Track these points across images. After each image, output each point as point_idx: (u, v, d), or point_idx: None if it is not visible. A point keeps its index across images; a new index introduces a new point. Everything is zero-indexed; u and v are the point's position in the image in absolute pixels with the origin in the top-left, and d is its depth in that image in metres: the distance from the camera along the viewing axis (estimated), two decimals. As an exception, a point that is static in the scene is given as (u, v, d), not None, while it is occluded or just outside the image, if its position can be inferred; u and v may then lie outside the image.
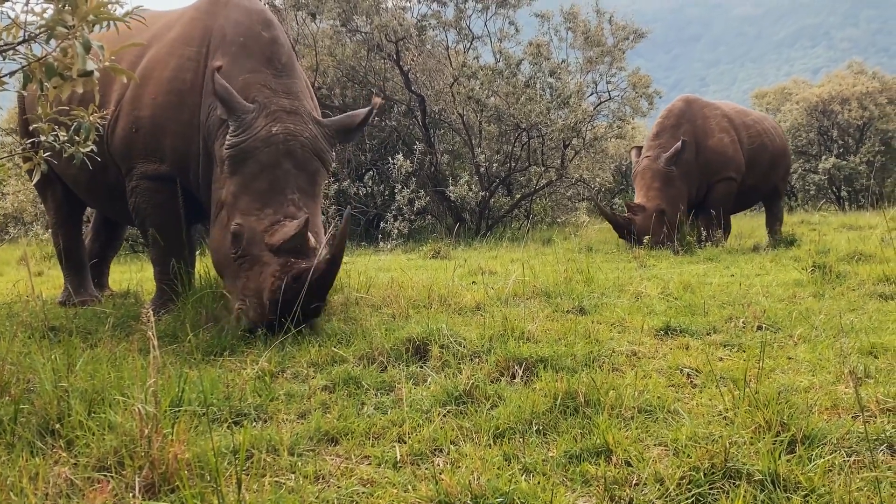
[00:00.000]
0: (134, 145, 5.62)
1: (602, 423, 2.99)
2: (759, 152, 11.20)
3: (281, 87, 5.33)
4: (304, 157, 5.10)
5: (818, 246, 8.77)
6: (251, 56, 5.41)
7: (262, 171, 4.97)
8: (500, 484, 2.51)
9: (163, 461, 2.58)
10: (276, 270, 4.72)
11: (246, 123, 5.03)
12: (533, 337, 4.44)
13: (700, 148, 10.90)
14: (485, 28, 16.02)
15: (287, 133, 5.07)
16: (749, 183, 11.23)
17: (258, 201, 4.93)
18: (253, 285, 4.82)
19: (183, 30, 5.76)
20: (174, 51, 5.65)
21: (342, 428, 3.16)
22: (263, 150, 4.98)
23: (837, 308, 5.29)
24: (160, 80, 5.57)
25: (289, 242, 4.73)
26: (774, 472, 2.50)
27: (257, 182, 4.96)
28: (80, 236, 7.21)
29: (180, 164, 5.58)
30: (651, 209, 10.40)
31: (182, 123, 5.50)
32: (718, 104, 11.63)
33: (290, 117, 5.16)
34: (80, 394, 3.23)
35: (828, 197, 23.84)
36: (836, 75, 26.38)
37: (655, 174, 10.64)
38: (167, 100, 5.53)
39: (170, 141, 5.54)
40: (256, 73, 5.33)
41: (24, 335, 4.56)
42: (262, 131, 5.02)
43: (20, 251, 13.15)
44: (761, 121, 11.62)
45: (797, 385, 3.55)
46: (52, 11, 2.73)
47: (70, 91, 2.79)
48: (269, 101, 5.17)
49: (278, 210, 4.91)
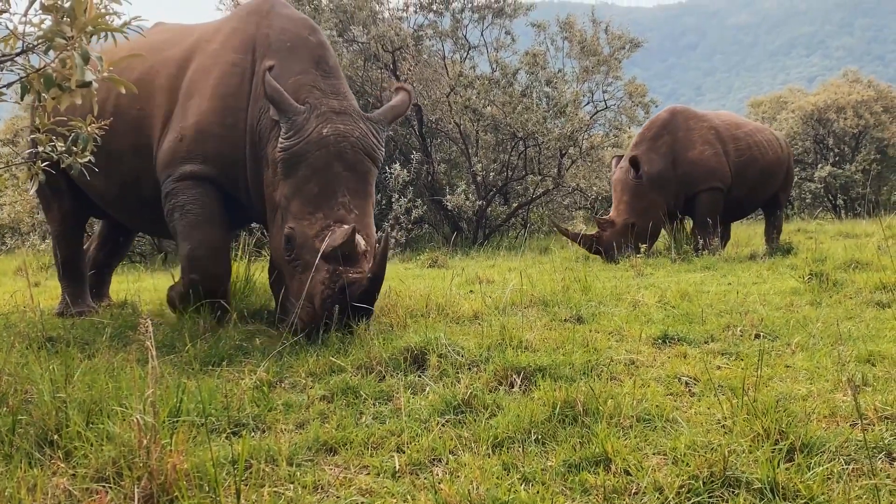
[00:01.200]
0: (177, 152, 5.62)
1: (601, 431, 2.99)
2: (747, 165, 11.14)
3: (330, 87, 5.41)
4: (354, 158, 5.14)
5: (815, 254, 8.78)
6: (300, 59, 5.50)
7: (314, 174, 5.02)
8: (500, 493, 2.51)
9: (161, 472, 2.58)
10: (325, 278, 4.81)
11: (298, 125, 5.09)
12: (531, 346, 4.44)
13: (679, 160, 10.91)
14: (481, 38, 16.08)
15: (338, 134, 5.11)
16: (736, 195, 11.19)
17: (310, 205, 4.99)
18: (306, 290, 4.87)
19: (225, 39, 5.85)
20: (218, 59, 5.73)
21: (341, 438, 3.16)
22: (314, 153, 5.04)
23: (835, 316, 5.29)
24: (205, 89, 5.64)
25: (335, 250, 4.79)
26: (773, 481, 2.50)
27: (309, 185, 5.02)
28: (80, 248, 7.20)
29: (224, 168, 5.60)
30: (620, 223, 10.50)
31: (227, 127, 5.55)
32: (708, 116, 11.61)
33: (339, 118, 5.21)
34: (78, 404, 3.22)
35: (824, 205, 23.90)
36: (831, 84, 26.49)
37: (625, 187, 10.70)
38: (211, 105, 5.58)
39: (213, 145, 5.56)
40: (306, 75, 5.42)
41: (21, 346, 4.55)
42: (313, 133, 5.07)
43: (17, 261, 13.13)
44: (753, 133, 11.53)
45: (795, 393, 3.55)
46: (50, 22, 2.74)
47: (69, 102, 2.80)
48: (319, 103, 5.23)
49: (329, 214, 4.98)
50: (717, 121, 11.45)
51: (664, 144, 10.93)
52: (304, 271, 4.94)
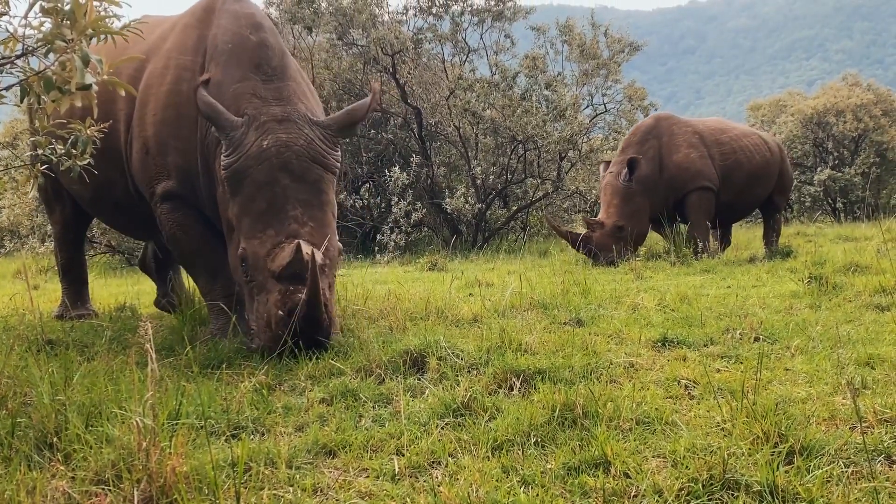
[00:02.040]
0: (147, 166, 5.40)
1: (600, 434, 2.99)
2: (732, 169, 11.16)
3: (271, 93, 4.99)
4: (301, 168, 4.76)
5: (814, 257, 8.79)
6: (240, 64, 5.08)
7: (259, 190, 4.69)
8: (499, 496, 2.50)
9: (161, 474, 2.58)
10: (277, 300, 4.53)
11: (236, 140, 4.75)
12: (530, 349, 4.44)
13: (664, 164, 10.99)
14: (481, 41, 16.11)
15: (279, 145, 4.74)
16: (724, 199, 11.21)
17: (259, 222, 4.67)
18: (262, 310, 4.63)
19: (177, 39, 5.50)
20: (169, 62, 5.39)
21: (340, 441, 3.15)
22: (257, 168, 4.69)
23: (834, 319, 5.29)
24: (158, 96, 5.33)
25: (287, 269, 4.50)
26: (773, 483, 2.50)
27: (256, 202, 4.69)
28: (82, 251, 7.21)
29: (184, 182, 5.31)
30: (609, 226, 10.58)
31: (182, 139, 5.24)
32: (693, 121, 11.67)
33: (281, 126, 4.82)
34: (78, 407, 3.22)
35: (823, 209, 23.92)
36: (830, 87, 26.51)
37: (615, 191, 10.80)
38: (165, 115, 5.28)
39: (172, 158, 5.29)
40: (245, 82, 5.00)
41: (21, 348, 4.55)
42: (252, 147, 4.72)
43: (16, 264, 13.13)
44: (739, 138, 11.53)
45: (794, 396, 3.55)
46: (50, 25, 2.74)
47: (69, 105, 2.80)
48: (259, 112, 4.85)
49: (280, 230, 4.64)
50: (702, 126, 11.51)
51: (651, 149, 11.03)
52: (259, 293, 4.65)
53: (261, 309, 4.64)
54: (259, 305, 4.66)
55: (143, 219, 5.82)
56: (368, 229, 14.63)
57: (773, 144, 12.07)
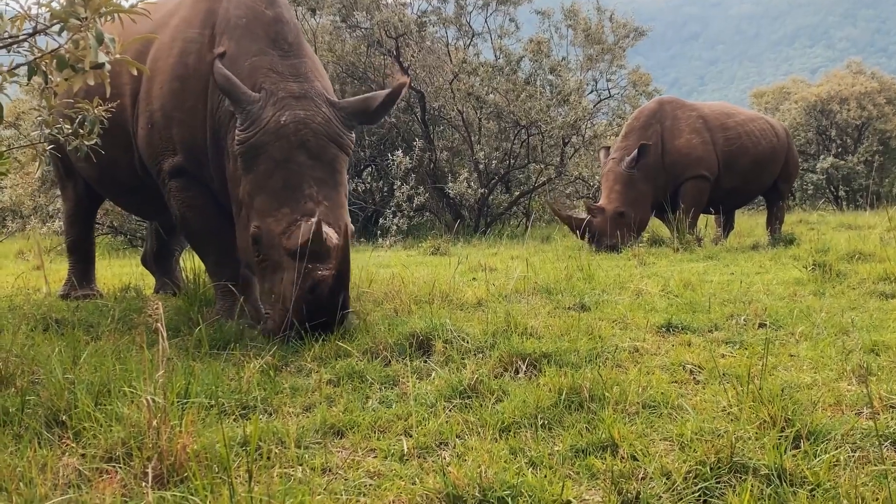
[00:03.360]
0: (153, 141, 5.34)
1: (607, 417, 3.00)
2: (737, 155, 11.08)
3: (288, 69, 4.92)
4: (318, 146, 4.70)
5: (817, 245, 8.79)
6: (256, 38, 5.01)
7: (276, 167, 4.61)
8: (508, 477, 2.52)
9: (171, 452, 2.59)
10: (294, 278, 4.42)
11: (253, 115, 4.67)
12: (536, 333, 4.45)
13: (666, 149, 10.95)
14: (485, 25, 16.07)
15: (297, 121, 4.67)
16: (728, 185, 11.15)
17: (274, 200, 4.60)
18: (276, 292, 4.57)
19: (185, 13, 5.44)
20: (177, 35, 5.32)
21: (348, 421, 3.17)
22: (274, 144, 4.61)
23: (838, 306, 5.30)
24: (165, 69, 5.26)
25: (305, 247, 4.42)
26: (781, 467, 2.51)
27: (271, 179, 4.61)
28: (91, 231, 7.20)
29: (190, 157, 5.23)
30: (610, 211, 10.54)
31: (186, 111, 5.16)
32: (698, 105, 11.58)
33: (299, 103, 4.76)
34: (87, 386, 3.24)
35: (826, 196, 23.90)
36: (834, 75, 26.44)
37: (617, 177, 10.75)
38: (171, 87, 5.21)
39: (177, 131, 5.21)
40: (262, 56, 4.94)
41: (27, 327, 4.57)
42: (270, 123, 4.64)
43: (18, 245, 13.15)
44: (745, 123, 11.42)
45: (800, 382, 3.57)
46: (62, 3, 2.74)
47: (82, 83, 2.80)
48: (277, 87, 4.78)
49: (295, 209, 4.57)
50: (707, 110, 11.41)
51: (654, 134, 10.97)
52: (273, 272, 4.58)
53: (275, 288, 4.57)
54: (272, 285, 4.60)
55: (150, 198, 5.79)
56: (371, 213, 14.63)
57: (780, 130, 11.99)
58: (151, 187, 5.64)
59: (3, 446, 2.76)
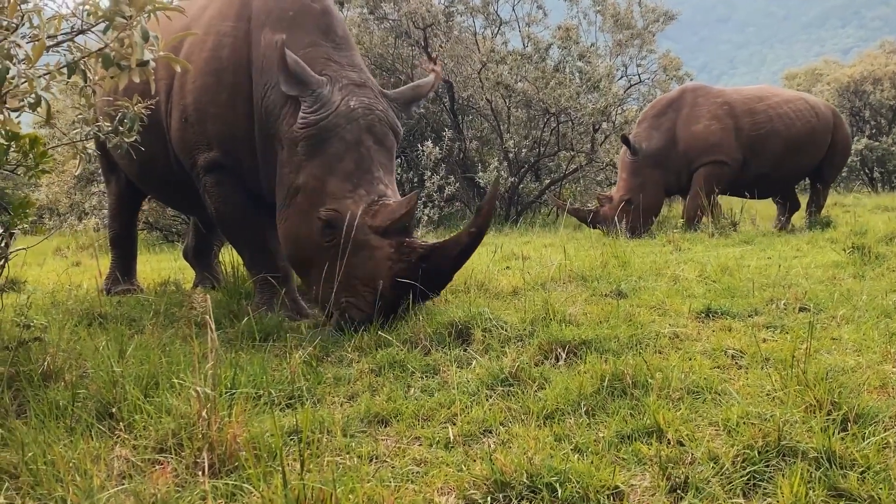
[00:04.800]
0: (186, 136, 5.38)
1: (651, 403, 3.00)
2: (766, 138, 10.90)
3: (344, 59, 5.04)
4: (382, 132, 4.83)
5: (855, 227, 8.69)
6: (305, 30, 5.07)
7: (347, 149, 4.68)
8: (555, 463, 2.53)
9: (222, 442, 2.64)
10: (391, 253, 4.49)
11: (323, 98, 4.72)
12: (574, 320, 4.45)
13: (681, 135, 10.93)
14: (513, 13, 16.00)
15: (365, 107, 4.79)
16: (758, 169, 10.98)
17: (348, 182, 4.64)
18: (360, 272, 4.54)
19: (218, 7, 5.49)
20: (210, 29, 5.35)
21: (391, 410, 3.20)
22: (346, 127, 4.69)
23: (879, 288, 5.24)
24: (198, 63, 5.28)
25: (398, 222, 4.51)
26: (829, 450, 2.50)
27: (344, 161, 4.66)
28: (133, 226, 7.29)
29: (226, 150, 5.26)
30: (617, 199, 10.77)
31: (221, 105, 5.20)
32: (726, 91, 11.42)
33: (361, 91, 4.87)
34: (135, 379, 3.29)
35: (861, 178, 23.57)
36: (867, 55, 26.07)
37: (625, 165, 10.95)
38: (205, 82, 5.25)
39: (212, 125, 5.24)
40: (317, 47, 5.01)
41: (71, 323, 4.65)
42: (341, 106, 4.72)
43: (55, 242, 13.34)
44: (780, 105, 11.18)
45: (844, 365, 3.54)
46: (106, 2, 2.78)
47: (127, 80, 2.85)
48: (338, 75, 4.88)
49: (370, 190, 4.64)
50: (735, 96, 11.25)
51: (667, 121, 11.02)
52: (353, 254, 4.50)
53: (361, 269, 4.54)
54: (356, 267, 4.54)
55: (186, 192, 5.84)
56: (402, 204, 14.64)
57: (822, 111, 11.55)
58: (187, 182, 5.69)
59: (56, 439, 2.82)
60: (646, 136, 10.89)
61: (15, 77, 2.55)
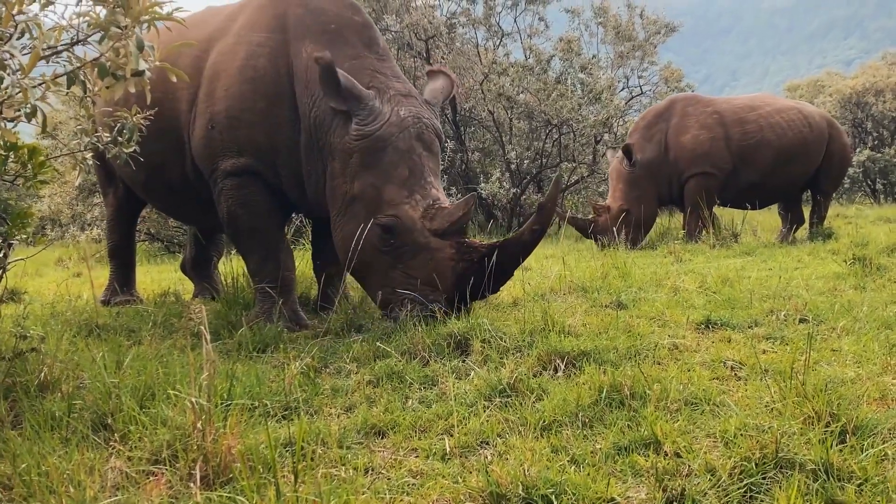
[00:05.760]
0: (212, 142, 5.36)
1: (649, 415, 2.99)
2: (756, 148, 10.80)
3: (388, 70, 5.23)
4: (430, 139, 5.04)
5: (856, 239, 8.67)
6: (349, 42, 5.25)
7: (401, 157, 4.88)
8: (551, 475, 2.52)
9: (216, 454, 2.63)
10: (452, 254, 4.74)
11: (376, 110, 4.92)
12: (574, 331, 4.44)
13: (670, 146, 10.91)
14: (514, 25, 16.04)
15: (413, 116, 4.99)
16: (749, 179, 10.89)
17: (404, 188, 4.86)
18: (421, 274, 4.77)
19: (250, 18, 5.53)
20: (241, 39, 5.41)
21: (389, 421, 3.19)
22: (398, 136, 4.90)
23: (880, 300, 5.23)
24: (230, 71, 5.32)
25: (456, 224, 4.75)
26: (827, 462, 2.49)
27: (399, 169, 4.87)
28: (131, 236, 7.27)
29: (261, 157, 5.30)
30: (615, 210, 10.70)
31: (257, 113, 5.23)
32: (716, 101, 11.37)
33: (409, 100, 5.06)
34: (131, 390, 3.28)
35: (863, 190, 23.54)
36: (870, 66, 26.08)
37: (620, 175, 10.89)
38: (239, 90, 5.27)
39: (245, 132, 5.26)
40: (361, 59, 5.19)
41: (70, 333, 4.64)
42: (392, 116, 4.92)
43: (57, 252, 13.35)
44: (772, 114, 11.05)
45: (843, 377, 3.52)
46: (103, 12, 2.78)
47: (122, 91, 2.85)
48: (385, 86, 5.06)
49: (425, 195, 4.87)
50: (725, 105, 11.19)
51: (658, 132, 11.00)
52: (414, 256, 4.78)
53: (420, 271, 4.78)
54: (416, 269, 4.79)
55: (197, 202, 5.83)
56: (404, 215, 14.65)
57: (817, 122, 11.36)
58: (197, 190, 5.70)
59: (51, 450, 2.81)
60: (639, 147, 10.85)
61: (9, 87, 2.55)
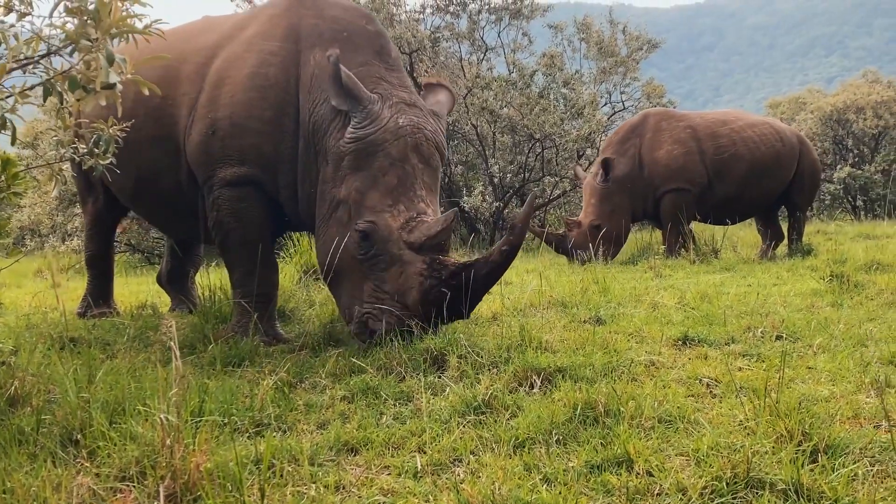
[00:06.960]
0: (211, 149, 5.26)
1: (622, 433, 2.98)
2: (730, 162, 10.87)
3: (396, 79, 5.17)
4: (429, 152, 4.94)
5: (835, 255, 8.71)
6: (359, 50, 5.20)
7: (392, 164, 4.78)
8: (522, 494, 2.50)
9: (185, 471, 2.59)
10: (422, 269, 4.57)
11: (373, 114, 4.83)
12: (551, 347, 4.43)
13: (645, 161, 10.94)
14: (498, 39, 16.11)
15: (413, 125, 4.89)
16: (721, 193, 10.96)
17: (389, 196, 4.73)
18: (390, 287, 4.63)
19: (261, 27, 5.48)
20: (252, 47, 5.35)
21: (362, 438, 3.16)
22: (393, 143, 4.79)
23: (856, 318, 5.25)
24: (237, 78, 5.26)
25: (434, 239, 4.58)
26: (798, 482, 2.49)
27: (387, 176, 4.76)
28: (110, 247, 7.17)
29: (264, 166, 5.21)
30: (586, 225, 10.67)
31: (265, 122, 5.17)
32: (690, 115, 11.47)
33: (411, 110, 4.98)
34: (102, 404, 3.24)
35: (843, 206, 23.72)
36: (850, 84, 26.30)
37: (593, 191, 10.87)
38: (247, 97, 5.19)
39: (251, 141, 5.18)
40: (369, 66, 5.14)
41: (43, 347, 4.58)
42: (389, 122, 4.83)
43: (37, 263, 13.25)
44: (745, 129, 11.15)
45: (818, 395, 3.53)
46: (74, 25, 2.76)
47: (94, 104, 2.83)
48: (389, 93, 4.99)
49: (410, 207, 4.74)
50: (699, 120, 11.26)
51: (631, 147, 11.01)
52: (387, 268, 4.64)
53: (391, 283, 4.64)
54: (386, 281, 4.65)
55: (186, 212, 5.73)
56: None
57: (788, 136, 11.48)
58: (187, 198, 5.63)
59: (18, 466, 2.77)
60: (613, 162, 10.84)
61: (-23, 99, 2.52)
